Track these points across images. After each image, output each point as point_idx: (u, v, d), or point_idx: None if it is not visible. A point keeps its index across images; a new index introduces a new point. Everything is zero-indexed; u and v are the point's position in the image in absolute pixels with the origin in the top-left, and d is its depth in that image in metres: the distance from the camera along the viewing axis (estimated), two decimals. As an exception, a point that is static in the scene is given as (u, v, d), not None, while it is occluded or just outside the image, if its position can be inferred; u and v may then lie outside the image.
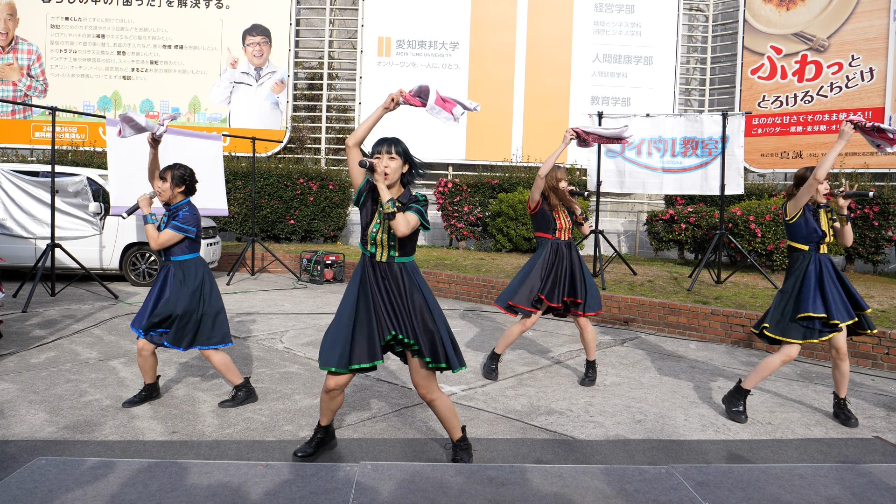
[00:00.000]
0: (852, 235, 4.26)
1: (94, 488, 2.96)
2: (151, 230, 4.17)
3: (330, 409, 3.46)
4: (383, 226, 3.28)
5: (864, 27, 13.50)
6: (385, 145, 3.26)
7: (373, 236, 3.30)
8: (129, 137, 4.57)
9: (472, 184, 12.94)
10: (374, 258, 3.32)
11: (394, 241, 3.28)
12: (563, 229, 5.03)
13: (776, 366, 4.27)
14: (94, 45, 15.43)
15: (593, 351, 5.14)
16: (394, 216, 3.14)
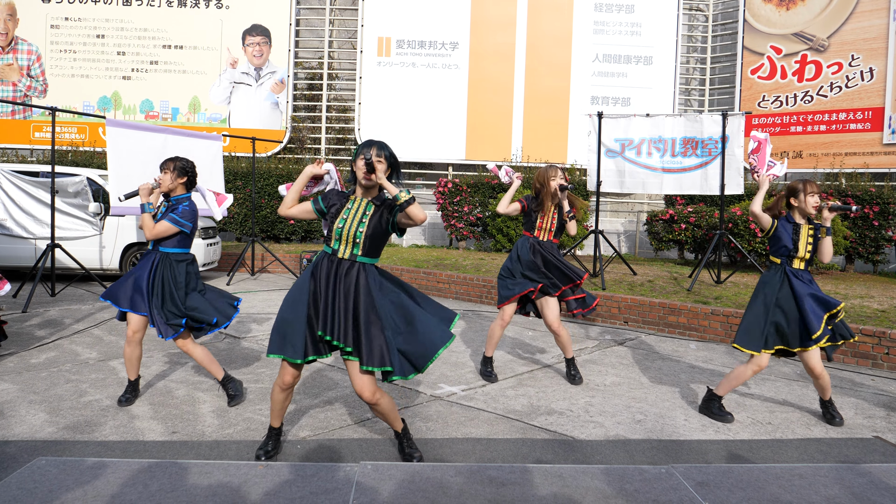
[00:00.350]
0: (831, 253, 4.24)
1: (94, 488, 2.96)
2: (147, 219, 4.18)
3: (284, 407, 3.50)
4: (353, 219, 3.27)
5: (864, 27, 13.50)
6: (375, 147, 3.26)
7: (338, 231, 3.26)
8: None
9: (471, 184, 12.94)
10: (335, 254, 3.28)
11: (359, 239, 3.25)
12: (544, 230, 5.06)
13: (747, 376, 4.28)
14: (94, 45, 15.43)
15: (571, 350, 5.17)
16: (412, 202, 3.15)
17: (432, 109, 15.35)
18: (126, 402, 4.31)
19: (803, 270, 4.27)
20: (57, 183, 8.78)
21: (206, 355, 4.37)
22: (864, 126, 13.42)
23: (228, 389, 4.43)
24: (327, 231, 3.34)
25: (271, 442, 3.54)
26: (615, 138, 9.26)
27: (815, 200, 4.22)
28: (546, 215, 5.05)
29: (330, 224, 3.32)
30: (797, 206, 4.27)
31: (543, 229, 5.06)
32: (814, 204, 4.22)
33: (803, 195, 4.23)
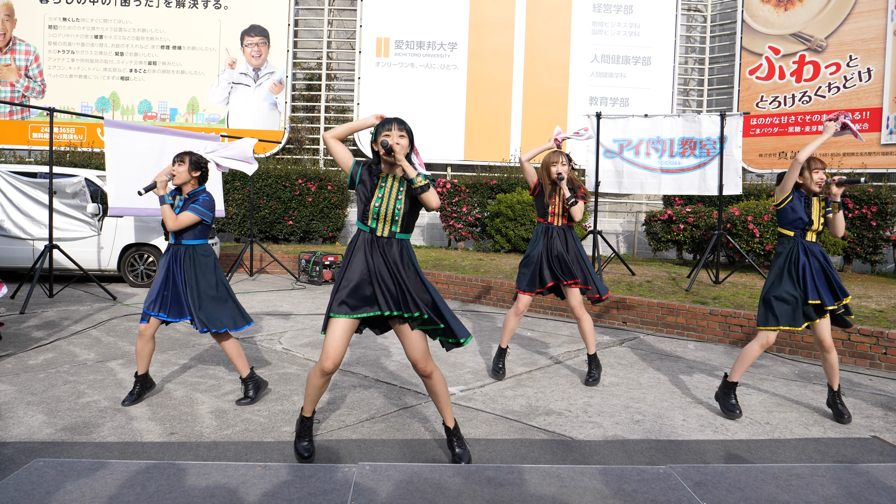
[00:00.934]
0: (844, 225, 4.28)
1: (91, 490, 2.96)
2: (168, 210, 4.23)
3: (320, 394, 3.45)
4: (389, 197, 3.28)
5: (862, 27, 13.52)
6: (395, 123, 3.28)
7: (375, 210, 3.27)
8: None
9: (470, 184, 12.95)
10: (373, 233, 3.30)
11: (398, 217, 3.28)
12: (556, 215, 5.10)
13: (756, 352, 4.33)
14: (92, 45, 15.42)
15: (592, 343, 5.19)
16: (428, 188, 3.18)
17: (431, 110, 15.36)
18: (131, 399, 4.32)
19: (815, 243, 4.30)
20: (55, 184, 8.77)
21: (237, 349, 4.44)
22: (861, 126, 13.44)
23: (248, 388, 4.46)
24: (362, 209, 3.32)
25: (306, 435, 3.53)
26: (613, 139, 9.27)
27: (819, 177, 4.23)
28: (555, 200, 5.10)
29: (365, 203, 3.31)
30: (802, 183, 4.28)
31: (556, 214, 5.11)
32: (818, 181, 4.23)
33: (808, 172, 4.24)
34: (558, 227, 5.11)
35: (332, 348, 3.25)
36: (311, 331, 6.88)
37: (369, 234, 3.31)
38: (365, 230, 3.32)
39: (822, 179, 4.25)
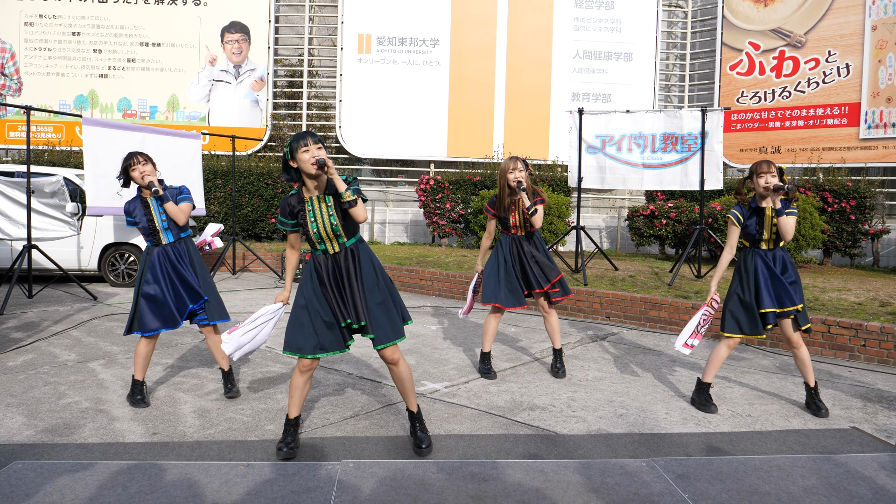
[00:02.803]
0: (788, 231, 4.21)
1: (71, 491, 2.93)
2: (172, 206, 4.27)
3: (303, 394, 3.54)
4: (322, 217, 3.35)
5: (841, 23, 13.66)
6: (310, 138, 3.29)
7: (317, 235, 3.37)
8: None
9: (453, 181, 12.94)
10: (325, 253, 3.41)
11: (338, 230, 3.37)
12: (518, 226, 5.05)
13: (724, 353, 4.42)
14: (70, 43, 15.21)
15: (558, 338, 5.24)
16: (356, 203, 3.26)
17: (413, 107, 15.32)
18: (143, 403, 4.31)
19: (771, 250, 4.33)
20: (33, 183, 8.65)
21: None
22: (840, 121, 13.59)
23: (228, 383, 4.52)
24: (307, 237, 3.42)
25: (290, 434, 3.55)
26: (596, 134, 9.30)
27: (764, 181, 4.20)
28: (516, 211, 5.01)
29: (305, 231, 3.40)
30: (754, 187, 4.30)
31: (518, 226, 5.05)
32: (764, 185, 4.21)
33: (755, 176, 4.26)
34: (523, 238, 5.06)
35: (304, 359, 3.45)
36: (294, 329, 6.84)
37: (322, 255, 3.42)
38: (318, 254, 3.43)
39: (769, 184, 4.18)
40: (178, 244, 4.39)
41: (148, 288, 4.25)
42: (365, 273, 3.42)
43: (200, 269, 4.43)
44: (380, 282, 3.49)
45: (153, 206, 4.31)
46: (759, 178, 4.23)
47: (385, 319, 3.44)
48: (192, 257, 4.42)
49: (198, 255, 4.49)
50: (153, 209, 4.30)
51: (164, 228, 4.32)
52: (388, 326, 3.45)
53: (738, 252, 8.25)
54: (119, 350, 5.79)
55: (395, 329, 3.48)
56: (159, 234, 4.31)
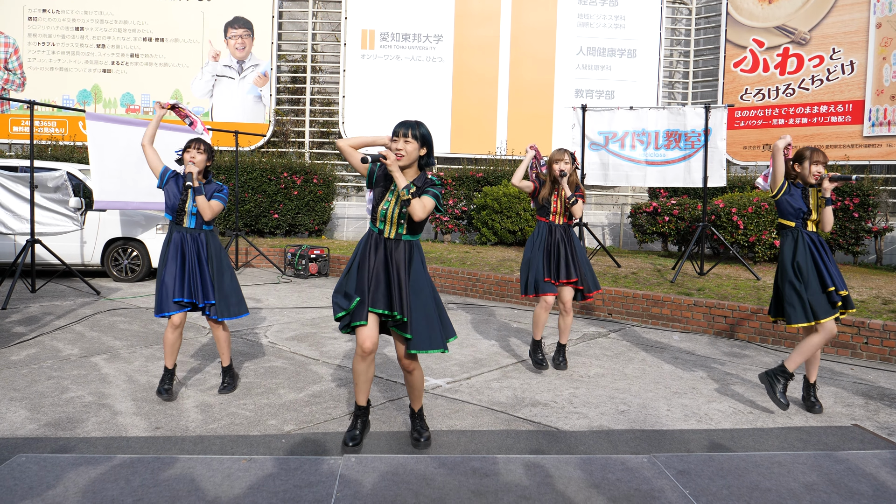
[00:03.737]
0: (832, 222, 4.28)
1: (74, 485, 2.94)
2: (203, 201, 4.32)
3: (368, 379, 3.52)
4: (395, 202, 3.36)
5: (845, 20, 13.61)
6: (403, 128, 3.36)
7: (383, 213, 3.38)
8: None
9: (456, 177, 12.94)
10: (381, 234, 3.41)
11: (403, 220, 3.37)
12: (558, 214, 5.16)
13: (818, 345, 4.23)
14: (73, 37, 15.22)
15: (567, 334, 5.31)
16: (409, 203, 3.27)
17: (416, 103, 15.31)
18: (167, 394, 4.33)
19: (815, 233, 4.30)
20: (36, 178, 8.66)
21: (229, 338, 4.60)
22: (844, 119, 13.56)
23: (226, 378, 4.56)
24: (374, 210, 3.43)
25: (359, 424, 3.58)
26: (599, 131, 9.29)
27: (818, 170, 4.22)
28: (558, 199, 5.15)
29: (375, 205, 3.41)
30: (800, 172, 4.27)
31: (557, 213, 5.16)
32: (815, 173, 4.22)
33: (808, 163, 4.22)
34: (561, 227, 5.15)
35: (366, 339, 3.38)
36: (297, 324, 6.86)
37: (377, 234, 3.42)
38: (374, 230, 3.44)
39: (820, 173, 4.23)
40: (199, 234, 4.41)
41: (170, 268, 4.31)
42: (414, 271, 3.39)
43: (218, 264, 4.43)
44: (426, 289, 3.42)
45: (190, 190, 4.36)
46: (812, 166, 4.21)
47: (425, 325, 3.38)
48: (210, 251, 4.42)
49: (218, 250, 4.48)
50: (189, 192, 4.35)
51: (191, 213, 4.38)
52: (425, 333, 3.38)
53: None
54: (122, 345, 5.81)
55: (432, 339, 3.40)
56: (184, 215, 4.37)
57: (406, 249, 3.41)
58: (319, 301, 8.34)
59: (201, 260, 4.36)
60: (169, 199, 4.38)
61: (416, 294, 3.39)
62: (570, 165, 5.06)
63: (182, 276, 4.29)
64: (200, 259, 4.36)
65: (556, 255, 5.10)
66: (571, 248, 5.13)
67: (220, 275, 4.43)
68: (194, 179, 4.28)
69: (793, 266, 4.25)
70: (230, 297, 4.47)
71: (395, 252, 3.38)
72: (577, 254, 5.15)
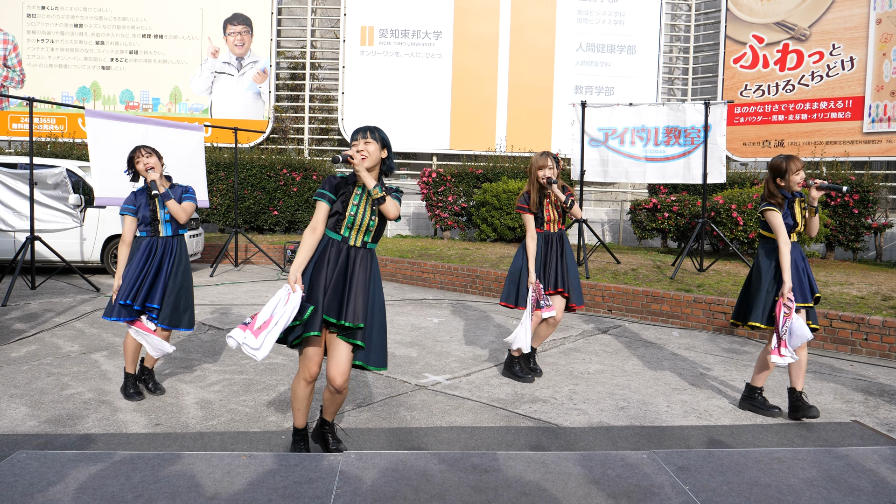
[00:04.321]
0: (818, 228, 4.26)
1: (75, 481, 2.94)
2: (175, 205, 4.25)
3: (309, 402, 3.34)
4: (364, 207, 3.24)
5: (845, 16, 13.59)
6: (361, 132, 3.28)
7: (351, 220, 3.22)
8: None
9: (456, 173, 12.93)
10: (344, 242, 3.24)
11: (372, 227, 3.25)
12: (552, 221, 4.94)
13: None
14: (72, 34, 15.19)
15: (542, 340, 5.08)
16: (384, 200, 3.15)
17: (416, 99, 15.29)
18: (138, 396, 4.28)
19: (796, 243, 4.27)
20: (36, 175, 8.65)
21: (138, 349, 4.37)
22: (844, 115, 13.54)
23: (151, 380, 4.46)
24: (336, 218, 3.24)
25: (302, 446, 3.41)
26: (598, 127, 9.28)
27: (799, 178, 4.18)
28: (549, 205, 4.92)
29: (340, 212, 3.24)
30: (783, 185, 4.19)
31: (552, 220, 4.94)
32: (798, 181, 4.19)
33: (789, 175, 4.17)
34: (556, 235, 4.95)
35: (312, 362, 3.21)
36: (296, 321, 6.85)
37: (339, 242, 3.24)
38: (336, 238, 3.25)
39: (803, 180, 4.21)
40: (174, 239, 4.35)
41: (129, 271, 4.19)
42: (374, 282, 3.28)
43: (183, 272, 4.31)
44: (381, 304, 3.31)
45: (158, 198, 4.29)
46: (793, 176, 4.15)
47: (379, 339, 3.25)
48: (180, 256, 4.34)
49: (184, 257, 4.37)
50: (157, 200, 4.29)
51: (164, 221, 4.30)
52: (379, 348, 3.25)
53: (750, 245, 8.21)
54: (121, 342, 5.80)
55: (381, 355, 3.26)
56: (159, 224, 4.29)
57: (369, 258, 3.29)
58: (319, 298, 8.34)
59: (162, 264, 4.25)
60: (142, 213, 4.25)
61: (372, 304, 3.26)
62: (555, 170, 4.81)
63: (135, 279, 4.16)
64: (162, 263, 4.25)
65: (553, 266, 4.90)
66: (563, 258, 4.94)
67: (177, 283, 4.27)
68: (159, 186, 4.20)
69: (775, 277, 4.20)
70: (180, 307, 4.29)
71: (358, 260, 3.24)
72: (568, 264, 4.94)
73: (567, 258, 4.97)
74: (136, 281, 4.17)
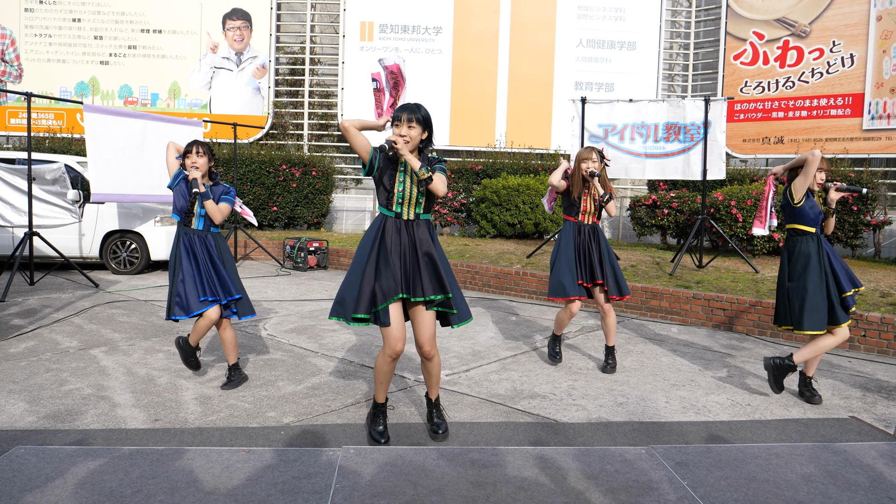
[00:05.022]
0: (832, 228, 4.30)
1: (73, 476, 2.95)
2: (212, 205, 4.35)
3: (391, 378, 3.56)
4: (410, 183, 3.35)
5: (845, 13, 13.57)
6: (406, 112, 3.35)
7: (399, 195, 3.36)
8: None
9: (455, 169, 12.92)
10: (398, 217, 3.37)
11: (422, 199, 3.38)
12: (588, 213, 5.03)
13: (831, 346, 4.30)
14: (70, 29, 15.15)
15: (613, 336, 5.12)
16: (431, 180, 3.27)
17: (416, 95, 15.25)
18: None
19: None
20: (34, 170, 8.64)
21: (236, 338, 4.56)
22: (844, 112, 13.53)
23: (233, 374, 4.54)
24: (386, 195, 3.38)
25: (381, 419, 3.60)
26: (598, 124, 9.27)
27: (822, 177, 4.23)
28: (587, 198, 5.01)
29: (388, 189, 3.38)
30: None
31: (587, 212, 5.04)
32: (820, 180, 4.23)
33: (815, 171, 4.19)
34: (589, 227, 5.01)
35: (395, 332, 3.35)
36: (296, 317, 6.86)
37: (395, 218, 3.38)
38: (390, 215, 3.39)
39: (823, 180, 4.24)
40: (207, 236, 4.43)
41: (187, 270, 4.32)
42: (437, 248, 3.41)
43: (230, 265, 4.46)
44: (447, 265, 3.46)
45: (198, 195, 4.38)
46: (818, 173, 4.19)
47: (460, 297, 3.46)
48: (220, 251, 4.44)
49: (227, 252, 4.51)
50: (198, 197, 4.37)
51: (199, 215, 4.40)
52: (462, 304, 3.47)
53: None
54: (121, 337, 5.81)
55: (466, 309, 3.48)
56: (193, 217, 4.39)
57: (427, 228, 3.43)
58: (318, 294, 8.35)
59: (214, 259, 4.38)
60: (178, 201, 4.39)
61: (445, 268, 3.42)
62: (600, 164, 4.93)
63: (200, 277, 4.32)
64: (213, 259, 4.38)
65: (587, 256, 4.95)
66: (600, 249, 4.98)
67: (234, 276, 4.46)
68: (199, 185, 4.30)
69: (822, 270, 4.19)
70: (244, 297, 4.51)
71: (418, 232, 3.38)
72: (605, 255, 4.98)
73: (603, 250, 5.00)
74: (202, 278, 4.32)
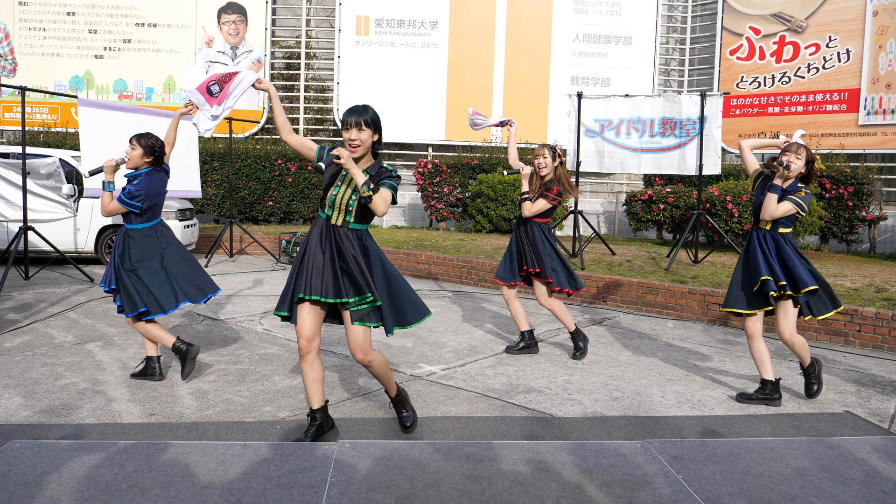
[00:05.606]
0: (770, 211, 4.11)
1: (69, 470, 2.94)
2: (106, 197, 4.21)
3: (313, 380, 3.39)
4: (345, 188, 3.27)
5: (842, 8, 13.58)
6: (354, 116, 3.22)
7: (332, 199, 3.27)
8: None
9: (451, 164, 12.91)
10: (328, 221, 3.30)
11: (352, 207, 3.26)
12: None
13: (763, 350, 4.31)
14: (65, 23, 15.06)
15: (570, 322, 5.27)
16: (370, 200, 3.14)
17: (412, 89, 15.24)
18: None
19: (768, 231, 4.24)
20: (29, 164, 8.60)
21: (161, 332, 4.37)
22: (840, 107, 13.55)
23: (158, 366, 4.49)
24: (322, 196, 3.34)
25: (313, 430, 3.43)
26: (594, 118, 9.27)
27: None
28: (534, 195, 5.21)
29: (325, 190, 3.31)
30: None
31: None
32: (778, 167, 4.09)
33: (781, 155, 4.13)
34: (524, 220, 5.21)
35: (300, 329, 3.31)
36: (291, 311, 6.84)
37: (325, 220, 3.31)
38: (322, 217, 3.33)
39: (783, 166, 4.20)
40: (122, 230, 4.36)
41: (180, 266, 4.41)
42: (374, 259, 3.31)
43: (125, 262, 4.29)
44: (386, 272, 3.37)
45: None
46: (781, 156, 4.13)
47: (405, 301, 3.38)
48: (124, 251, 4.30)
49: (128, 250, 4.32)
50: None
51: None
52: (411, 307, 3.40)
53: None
54: (116, 332, 5.79)
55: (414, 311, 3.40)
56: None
57: (357, 236, 3.29)
58: (314, 288, 8.33)
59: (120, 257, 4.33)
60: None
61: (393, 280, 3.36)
62: (548, 159, 5.08)
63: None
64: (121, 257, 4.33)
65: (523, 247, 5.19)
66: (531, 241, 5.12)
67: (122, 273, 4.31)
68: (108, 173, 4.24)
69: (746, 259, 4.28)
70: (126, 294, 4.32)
71: (343, 239, 3.25)
72: (540, 247, 5.09)
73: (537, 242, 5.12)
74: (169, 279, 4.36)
